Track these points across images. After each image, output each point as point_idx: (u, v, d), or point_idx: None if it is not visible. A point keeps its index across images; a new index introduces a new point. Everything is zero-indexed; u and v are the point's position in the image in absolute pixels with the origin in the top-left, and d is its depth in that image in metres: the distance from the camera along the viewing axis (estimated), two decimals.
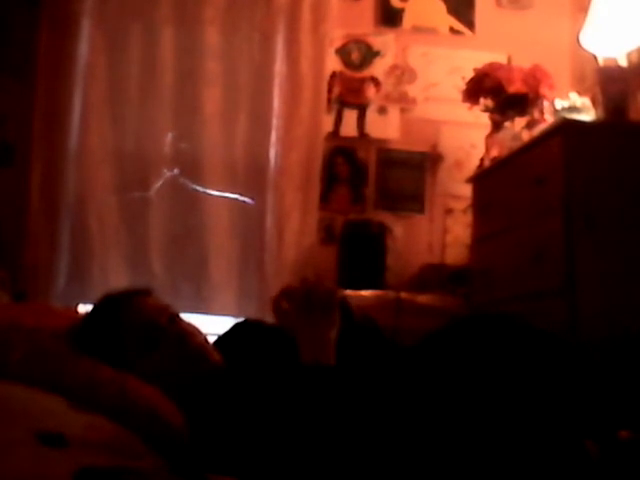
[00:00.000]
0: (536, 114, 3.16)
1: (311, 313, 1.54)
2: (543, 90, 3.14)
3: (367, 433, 1.31)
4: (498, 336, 1.43)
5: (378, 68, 3.83)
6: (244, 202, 3.65)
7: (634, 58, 2.99)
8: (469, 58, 3.67)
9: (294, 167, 3.61)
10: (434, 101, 3.83)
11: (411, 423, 1.32)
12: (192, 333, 1.59)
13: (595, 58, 3.05)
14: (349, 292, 2.73)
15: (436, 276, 3.47)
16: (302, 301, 1.57)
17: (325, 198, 3.70)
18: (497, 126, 3.29)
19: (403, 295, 3.18)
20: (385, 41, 3.84)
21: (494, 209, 3.07)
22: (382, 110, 3.80)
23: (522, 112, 3.22)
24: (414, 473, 1.27)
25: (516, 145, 3.00)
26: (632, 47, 2.88)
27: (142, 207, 3.59)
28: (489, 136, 3.34)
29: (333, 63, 3.77)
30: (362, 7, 3.85)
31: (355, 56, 3.82)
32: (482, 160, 3.35)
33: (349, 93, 3.80)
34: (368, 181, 3.78)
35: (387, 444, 1.30)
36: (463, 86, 3.39)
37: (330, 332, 1.52)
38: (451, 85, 3.74)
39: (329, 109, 3.74)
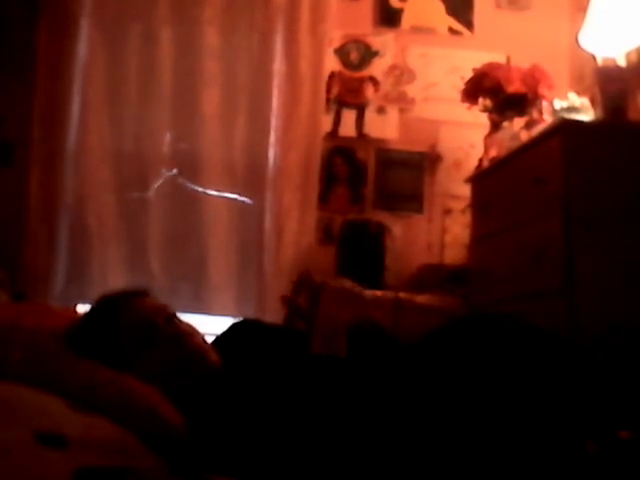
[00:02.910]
0: (535, 114, 3.15)
1: (335, 307, 1.56)
2: (542, 90, 3.14)
3: (368, 431, 1.31)
4: (497, 336, 1.43)
5: (377, 68, 3.83)
6: (243, 202, 3.65)
7: (633, 58, 2.99)
8: (468, 58, 3.67)
9: (293, 167, 3.61)
10: (433, 101, 3.83)
11: (410, 422, 1.32)
12: (190, 333, 1.59)
13: (594, 58, 3.05)
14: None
15: (435, 276, 3.47)
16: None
17: (324, 198, 3.70)
18: (496, 126, 3.29)
19: (402, 295, 3.17)
20: (384, 41, 3.84)
21: (493, 209, 3.06)
22: (381, 110, 3.80)
23: (521, 112, 3.21)
24: (415, 472, 1.26)
25: (515, 145, 3.00)
26: (631, 47, 2.88)
27: (141, 207, 3.59)
28: (488, 136, 3.33)
29: (332, 63, 3.76)
30: (361, 7, 3.85)
31: (354, 56, 3.82)
32: (481, 160, 3.35)
33: (348, 93, 3.80)
34: (367, 181, 3.77)
35: (386, 442, 1.30)
36: (462, 86, 3.38)
37: (344, 324, 1.53)
38: (450, 85, 3.74)
39: (328, 109, 3.74)
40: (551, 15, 3.87)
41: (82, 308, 3.28)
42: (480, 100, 3.32)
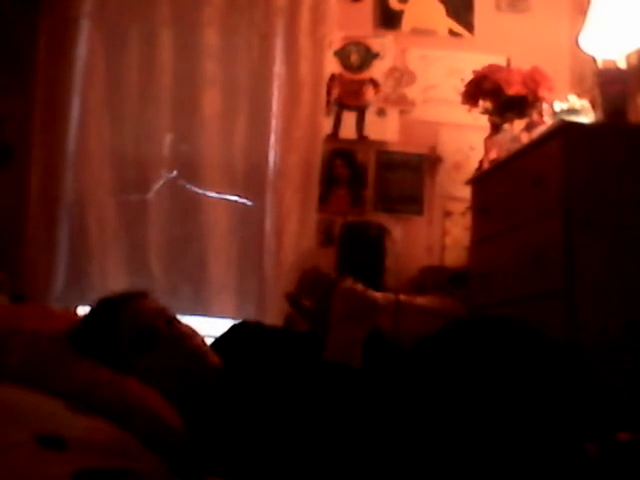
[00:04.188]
0: (535, 116, 3.15)
1: (349, 311, 1.55)
2: (542, 92, 3.14)
3: (368, 435, 1.31)
4: (496, 339, 1.43)
5: (377, 70, 3.83)
6: (243, 204, 3.65)
7: (633, 60, 2.99)
8: (468, 60, 3.67)
9: (293, 169, 3.61)
10: (433, 103, 3.83)
11: (411, 427, 1.32)
12: (189, 335, 1.59)
13: (594, 60, 3.05)
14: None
15: (435, 278, 3.47)
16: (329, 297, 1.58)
17: (324, 200, 3.70)
18: (496, 128, 3.29)
19: (402, 297, 3.17)
20: (384, 43, 3.84)
21: (493, 211, 3.07)
22: (381, 112, 3.80)
23: (521, 114, 3.21)
24: (416, 475, 1.26)
25: (515, 147, 3.00)
26: (631, 49, 2.88)
27: (141, 209, 3.59)
28: (488, 138, 3.33)
29: (332, 65, 3.76)
30: (361, 9, 3.85)
31: (354, 58, 3.82)
32: (481, 162, 3.35)
33: (348, 95, 3.80)
34: (367, 183, 3.77)
35: (388, 448, 1.30)
36: (462, 88, 3.38)
37: (362, 334, 1.52)
38: (450, 87, 3.74)
39: (328, 111, 3.74)
40: (551, 17, 3.87)
41: (82, 310, 3.28)
42: (480, 102, 3.32)
